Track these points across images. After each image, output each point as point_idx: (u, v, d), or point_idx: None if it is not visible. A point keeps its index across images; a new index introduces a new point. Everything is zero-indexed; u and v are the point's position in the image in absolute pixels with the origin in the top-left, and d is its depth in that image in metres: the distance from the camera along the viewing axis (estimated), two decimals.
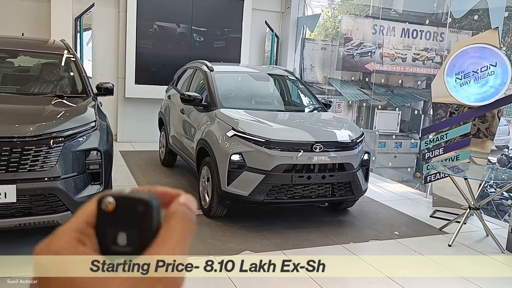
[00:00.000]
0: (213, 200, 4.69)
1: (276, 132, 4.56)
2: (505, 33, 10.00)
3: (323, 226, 4.86)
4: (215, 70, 5.76)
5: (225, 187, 4.48)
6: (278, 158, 4.37)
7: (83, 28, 8.46)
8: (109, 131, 4.07)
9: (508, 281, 3.84)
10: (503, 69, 4.93)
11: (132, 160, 7.45)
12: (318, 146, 4.48)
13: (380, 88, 10.64)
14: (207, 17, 9.04)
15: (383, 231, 4.81)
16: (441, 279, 3.77)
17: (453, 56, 5.21)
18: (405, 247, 4.41)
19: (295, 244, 4.29)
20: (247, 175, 4.40)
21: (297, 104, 6.07)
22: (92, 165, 3.69)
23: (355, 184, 4.73)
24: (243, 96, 5.78)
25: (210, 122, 5.03)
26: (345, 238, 4.52)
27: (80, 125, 3.70)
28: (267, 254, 4.03)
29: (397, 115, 10.96)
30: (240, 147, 4.46)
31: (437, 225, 5.05)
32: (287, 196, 4.48)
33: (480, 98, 5.10)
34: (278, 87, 6.22)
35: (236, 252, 4.02)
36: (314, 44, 10.56)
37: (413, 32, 10.50)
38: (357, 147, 4.80)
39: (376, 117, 10.75)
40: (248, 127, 4.57)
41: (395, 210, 5.63)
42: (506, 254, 4.37)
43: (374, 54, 10.25)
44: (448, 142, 5.41)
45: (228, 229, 4.57)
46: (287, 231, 4.63)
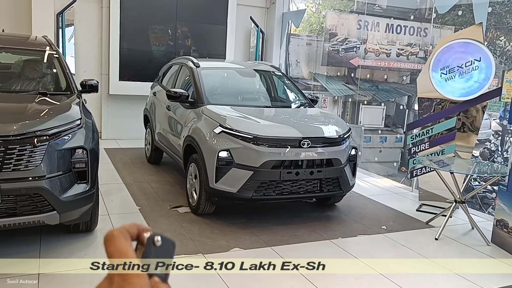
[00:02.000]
0: (201, 198, 4.66)
1: (264, 128, 4.55)
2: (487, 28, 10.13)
3: (311, 221, 4.87)
4: (201, 66, 5.71)
5: (213, 184, 4.45)
6: (266, 154, 4.35)
7: (65, 24, 8.32)
8: (94, 129, 4.00)
9: (493, 272, 3.89)
10: (487, 64, 4.99)
11: (117, 157, 7.37)
12: (306, 142, 4.48)
13: (365, 83, 10.70)
14: (192, 12, 8.96)
15: (371, 226, 4.84)
16: (428, 272, 3.81)
17: (438, 51, 5.25)
18: (392, 242, 4.45)
19: (284, 240, 4.29)
20: (235, 172, 4.38)
21: (283, 100, 6.06)
22: (78, 164, 3.62)
23: (342, 179, 4.74)
24: (229, 92, 5.75)
25: (197, 118, 4.99)
26: (334, 234, 4.54)
27: (65, 123, 3.62)
28: (256, 250, 4.03)
29: (382, 110, 11.04)
30: (228, 143, 4.44)
31: (424, 219, 5.10)
32: (275, 192, 4.47)
33: (465, 92, 5.15)
34: (265, 83, 6.20)
35: (225, 249, 4.00)
36: (299, 40, 10.56)
37: (397, 28, 10.56)
38: (345, 142, 4.81)
39: (361, 112, 10.81)
40: (236, 124, 4.55)
41: (382, 204, 5.67)
42: (492, 247, 4.43)
43: (359, 50, 10.29)
44: (433, 137, 5.46)
45: (216, 226, 4.54)
46: (275, 227, 4.62)
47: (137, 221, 4.57)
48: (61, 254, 3.69)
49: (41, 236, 3.98)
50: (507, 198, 4.32)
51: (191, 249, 3.95)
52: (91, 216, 3.97)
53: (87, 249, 3.84)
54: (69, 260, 3.59)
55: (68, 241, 3.93)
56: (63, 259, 3.60)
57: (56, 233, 4.03)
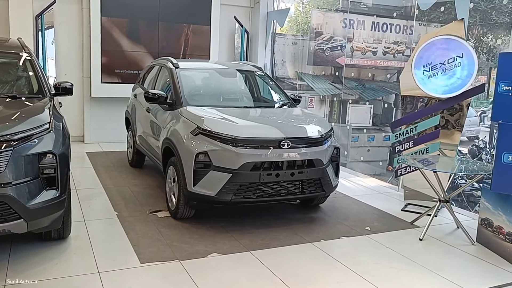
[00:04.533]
0: (180, 202, 4.53)
1: (242, 129, 4.43)
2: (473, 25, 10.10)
3: (293, 224, 4.76)
4: (181, 67, 5.59)
5: (191, 187, 4.32)
6: (245, 156, 4.24)
7: (44, 26, 8.15)
8: (65, 133, 3.86)
9: (477, 272, 3.80)
10: (470, 60, 4.91)
11: (99, 161, 7.22)
12: (286, 142, 4.37)
13: (351, 82, 10.64)
14: (175, 13, 8.82)
15: (355, 227, 4.73)
16: (412, 274, 3.71)
17: (420, 48, 5.16)
18: (376, 243, 4.34)
19: (264, 244, 4.17)
20: (213, 175, 4.26)
21: (265, 100, 5.94)
22: (47, 170, 3.48)
23: (325, 180, 4.64)
24: (209, 93, 5.62)
25: (175, 120, 4.86)
26: (316, 236, 4.43)
27: (33, 127, 3.48)
28: (235, 255, 3.91)
29: (369, 109, 10.99)
30: (206, 145, 4.31)
31: (409, 219, 5.01)
32: (255, 195, 4.35)
33: (448, 90, 5.07)
34: (246, 83, 6.08)
35: (203, 255, 3.87)
36: (285, 39, 10.46)
37: (383, 26, 10.51)
38: (326, 142, 4.71)
39: (348, 111, 10.75)
40: (214, 125, 4.43)
41: (366, 205, 5.57)
42: (477, 246, 4.35)
43: (345, 48, 10.22)
44: (417, 135, 5.37)
45: (196, 231, 4.42)
46: (256, 230, 4.51)
47: (114, 226, 4.44)
48: (31, 263, 3.54)
49: (11, 245, 3.83)
50: (491, 197, 4.24)
51: (168, 255, 3.82)
52: (63, 223, 3.83)
53: (59, 257, 3.70)
54: (38, 269, 3.45)
55: (39, 249, 3.79)
56: (32, 269, 3.46)
57: (28, 241, 3.88)
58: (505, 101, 4.03)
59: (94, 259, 3.69)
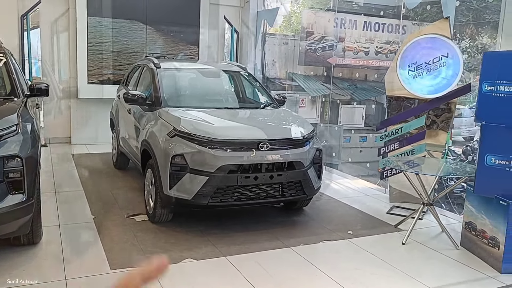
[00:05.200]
0: (157, 205, 4.42)
1: (219, 131, 4.32)
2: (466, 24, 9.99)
3: (274, 227, 4.65)
4: (162, 67, 5.48)
5: (167, 190, 4.22)
6: (222, 158, 4.13)
7: (30, 26, 8.05)
8: (35, 136, 3.76)
9: (458, 279, 3.69)
10: (455, 60, 4.81)
11: (84, 163, 7.11)
12: (264, 144, 4.26)
13: (343, 82, 10.52)
14: (163, 12, 8.72)
15: (337, 231, 4.62)
16: (392, 280, 3.59)
17: (405, 48, 5.06)
18: (357, 247, 4.23)
19: (242, 249, 4.06)
20: (189, 178, 4.15)
21: (248, 101, 5.83)
22: (12, 173, 3.37)
23: (306, 182, 4.53)
24: (191, 94, 5.51)
25: (153, 122, 4.75)
26: (296, 240, 4.31)
27: None
28: (210, 261, 3.79)
29: (361, 109, 10.85)
30: (182, 147, 4.20)
31: (393, 222, 4.90)
32: (233, 198, 4.24)
33: (433, 90, 4.96)
34: (230, 83, 5.97)
35: (177, 260, 3.76)
36: (275, 39, 10.35)
37: (375, 25, 10.39)
38: (308, 144, 4.59)
39: (340, 112, 10.62)
40: (190, 126, 4.32)
41: (352, 207, 5.46)
42: (460, 250, 4.24)
43: (336, 48, 10.10)
44: (403, 136, 5.26)
45: (173, 235, 4.31)
46: (236, 234, 4.40)
47: (89, 231, 4.33)
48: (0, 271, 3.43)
49: None
50: (475, 200, 4.13)
51: (140, 261, 3.71)
52: (32, 228, 3.72)
53: (28, 263, 3.58)
54: (3, 276, 3.34)
55: (7, 255, 3.68)
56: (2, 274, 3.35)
57: None
58: (488, 102, 3.92)
59: (63, 266, 3.58)
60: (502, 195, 3.81)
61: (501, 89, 3.80)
